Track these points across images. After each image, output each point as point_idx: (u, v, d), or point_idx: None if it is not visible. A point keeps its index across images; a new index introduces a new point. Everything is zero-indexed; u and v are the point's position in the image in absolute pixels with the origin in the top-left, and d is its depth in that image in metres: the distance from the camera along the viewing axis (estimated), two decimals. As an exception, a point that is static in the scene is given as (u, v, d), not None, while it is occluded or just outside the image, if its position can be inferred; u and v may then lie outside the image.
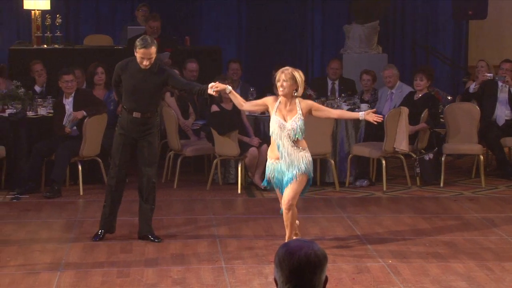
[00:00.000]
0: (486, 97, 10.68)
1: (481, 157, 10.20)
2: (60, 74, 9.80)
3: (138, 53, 7.47)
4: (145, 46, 7.41)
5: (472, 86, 10.86)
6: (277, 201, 9.47)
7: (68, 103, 9.78)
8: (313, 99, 10.47)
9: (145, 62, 7.46)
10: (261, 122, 10.17)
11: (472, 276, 6.71)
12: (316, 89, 10.95)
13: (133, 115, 7.59)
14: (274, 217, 8.68)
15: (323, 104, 10.34)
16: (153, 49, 7.45)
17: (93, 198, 9.51)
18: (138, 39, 7.58)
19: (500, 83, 10.66)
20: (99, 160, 9.82)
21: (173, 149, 10.30)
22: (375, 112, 7.22)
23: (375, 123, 7.24)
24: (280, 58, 12.86)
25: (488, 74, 10.76)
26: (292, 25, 13.76)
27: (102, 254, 7.36)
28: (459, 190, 9.91)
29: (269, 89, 10.97)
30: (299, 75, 7.06)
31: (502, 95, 10.67)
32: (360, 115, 7.22)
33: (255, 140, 9.84)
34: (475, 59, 12.89)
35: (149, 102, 7.62)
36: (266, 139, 9.95)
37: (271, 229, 8.17)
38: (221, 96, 9.85)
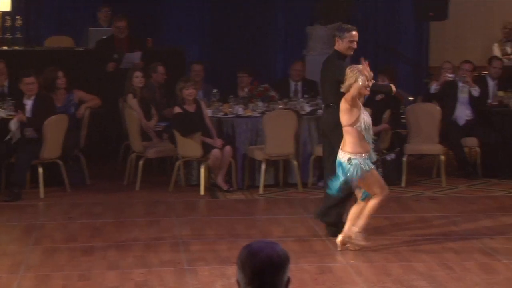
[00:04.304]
0: (446, 97, 10.78)
1: (442, 157, 10.28)
2: (21, 76, 9.73)
3: None
4: None
5: (434, 87, 10.96)
6: (240, 202, 9.50)
7: (29, 104, 9.71)
8: (276, 101, 10.52)
9: None
10: (224, 123, 10.15)
11: (433, 275, 6.75)
12: (278, 90, 10.95)
13: None
14: (237, 218, 8.69)
15: (285, 106, 10.39)
16: None
17: (54, 201, 9.43)
18: None
19: (460, 84, 10.76)
20: (60, 162, 9.74)
21: (135, 151, 10.25)
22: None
23: None
24: (243, 59, 12.86)
25: (450, 75, 10.86)
26: (255, 26, 13.76)
27: (63, 257, 7.29)
28: (420, 190, 9.98)
29: (232, 91, 10.97)
30: None
31: (463, 95, 10.77)
32: None
33: (219, 142, 9.82)
34: (436, 60, 13.01)
35: None
36: (229, 140, 9.96)
37: (234, 231, 8.16)
38: (184, 98, 9.83)
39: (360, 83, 6.99)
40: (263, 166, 9.80)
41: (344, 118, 7.10)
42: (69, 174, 9.89)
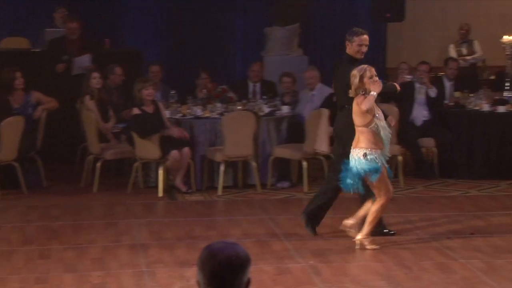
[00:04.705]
0: (404, 98, 10.85)
1: (400, 157, 10.35)
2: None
3: None
4: None
5: (391, 88, 11.04)
6: (198, 204, 9.48)
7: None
8: (235, 102, 10.51)
9: None
10: (182, 125, 10.11)
11: (391, 275, 6.80)
12: (237, 91, 10.95)
13: None
14: (196, 220, 8.67)
15: (244, 107, 10.39)
16: None
17: (10, 203, 9.33)
18: None
19: (417, 85, 10.85)
20: (16, 164, 9.63)
21: (92, 153, 10.18)
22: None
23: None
24: (201, 60, 12.82)
25: (408, 76, 10.95)
26: (214, 28, 13.74)
27: (19, 260, 7.21)
28: (378, 191, 10.02)
29: (191, 92, 10.95)
30: None
31: (420, 96, 10.86)
32: None
33: (175, 130, 9.74)
34: (393, 61, 13.09)
35: None
36: (187, 142, 9.91)
37: (192, 232, 8.14)
38: (143, 99, 9.78)
39: (367, 74, 7.12)
40: (222, 167, 9.79)
41: (358, 119, 7.21)
42: (25, 176, 9.79)
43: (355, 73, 7.20)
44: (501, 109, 10.60)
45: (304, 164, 9.90)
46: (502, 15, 13.60)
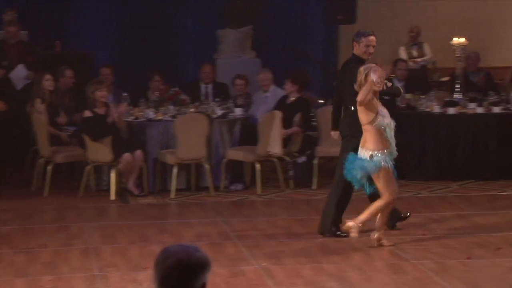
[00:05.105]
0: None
1: (352, 159, 10.39)
2: None
3: None
4: None
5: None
6: (151, 207, 9.43)
7: None
8: (187, 104, 10.48)
9: None
10: (134, 127, 10.05)
11: (344, 277, 6.83)
12: (189, 93, 10.92)
13: None
14: (148, 223, 8.62)
15: (196, 109, 10.36)
16: None
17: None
18: None
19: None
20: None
21: (43, 156, 10.07)
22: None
23: None
24: (153, 63, 12.76)
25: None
26: (166, 30, 13.68)
27: (-31, 265, 7.10)
28: (331, 192, 10.06)
29: (143, 95, 10.88)
30: None
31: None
32: None
33: (121, 106, 9.73)
34: (345, 63, 13.14)
35: None
36: (140, 145, 9.85)
37: (145, 235, 8.09)
38: (96, 100, 9.70)
39: (374, 79, 7.14)
40: (175, 170, 9.75)
41: (363, 117, 7.30)
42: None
43: (361, 70, 7.33)
44: (452, 110, 10.71)
45: (257, 166, 9.91)
46: (452, 18, 13.76)
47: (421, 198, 9.80)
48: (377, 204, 7.46)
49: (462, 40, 10.73)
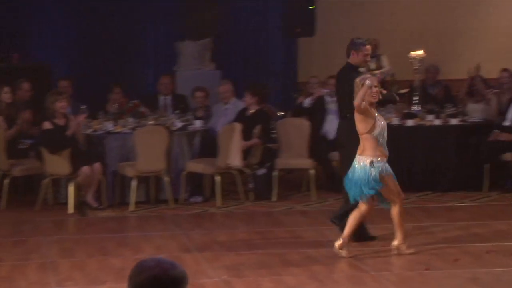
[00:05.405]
0: (317, 112, 10.97)
1: (312, 171, 10.42)
2: None
3: None
4: None
5: (307, 101, 11.17)
6: (110, 220, 9.35)
7: None
8: (147, 116, 10.43)
9: None
10: (93, 140, 9.98)
11: (304, 288, 6.82)
12: (149, 105, 10.87)
13: None
14: (107, 236, 8.54)
15: (156, 121, 10.31)
16: None
17: None
18: None
19: (328, 98, 10.96)
20: None
21: (0, 169, 9.94)
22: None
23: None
24: (112, 75, 12.69)
25: (325, 90, 11.05)
26: (126, 42, 13.62)
27: None
28: (291, 204, 10.09)
29: (102, 107, 10.81)
30: None
31: (331, 109, 10.96)
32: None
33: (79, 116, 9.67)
34: (305, 75, 13.20)
35: None
36: (99, 157, 9.78)
37: (104, 249, 8.02)
38: (56, 111, 9.61)
39: (367, 82, 7.23)
40: (134, 183, 9.70)
41: (360, 126, 7.34)
42: None
43: (358, 82, 7.39)
44: (410, 122, 10.79)
45: (217, 178, 9.89)
46: (410, 31, 13.87)
47: (380, 210, 9.80)
48: (395, 212, 7.57)
49: (420, 52, 10.82)
